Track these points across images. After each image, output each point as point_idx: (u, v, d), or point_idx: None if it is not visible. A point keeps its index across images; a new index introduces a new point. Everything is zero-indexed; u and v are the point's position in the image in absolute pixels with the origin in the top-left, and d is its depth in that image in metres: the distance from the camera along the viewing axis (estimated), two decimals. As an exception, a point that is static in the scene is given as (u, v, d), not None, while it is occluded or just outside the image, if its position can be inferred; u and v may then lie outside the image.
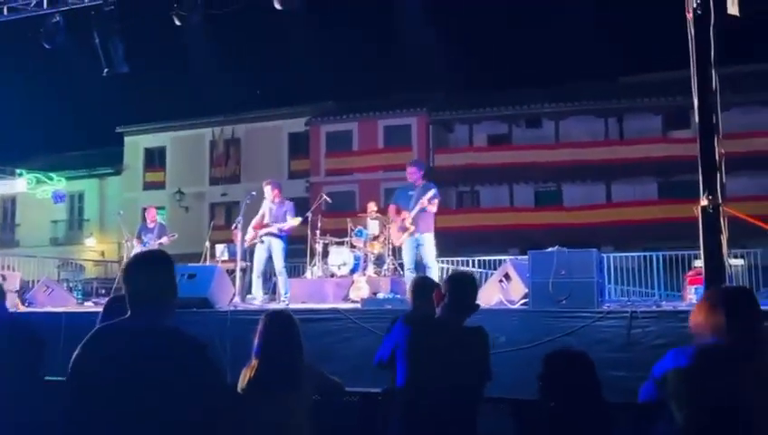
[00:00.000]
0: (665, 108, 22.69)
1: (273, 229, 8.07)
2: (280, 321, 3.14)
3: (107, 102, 25.98)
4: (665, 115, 22.90)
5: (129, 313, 2.18)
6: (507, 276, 6.63)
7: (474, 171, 23.55)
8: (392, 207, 7.65)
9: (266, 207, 8.25)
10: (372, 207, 10.43)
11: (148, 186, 28.91)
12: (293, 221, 8.05)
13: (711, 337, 2.18)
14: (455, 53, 30.79)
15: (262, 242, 8.09)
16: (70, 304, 8.75)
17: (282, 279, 8.08)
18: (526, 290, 6.20)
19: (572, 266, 5.78)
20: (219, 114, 27.54)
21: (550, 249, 6.06)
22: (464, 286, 3.09)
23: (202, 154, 28.22)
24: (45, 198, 25.53)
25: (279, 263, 8.07)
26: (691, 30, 5.26)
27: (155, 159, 29.39)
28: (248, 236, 8.23)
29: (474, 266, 12.33)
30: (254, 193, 8.45)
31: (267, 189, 8.25)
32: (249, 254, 8.53)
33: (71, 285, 14.93)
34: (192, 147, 28.15)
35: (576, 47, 25.81)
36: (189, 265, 8.06)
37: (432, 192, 7.39)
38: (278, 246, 8.07)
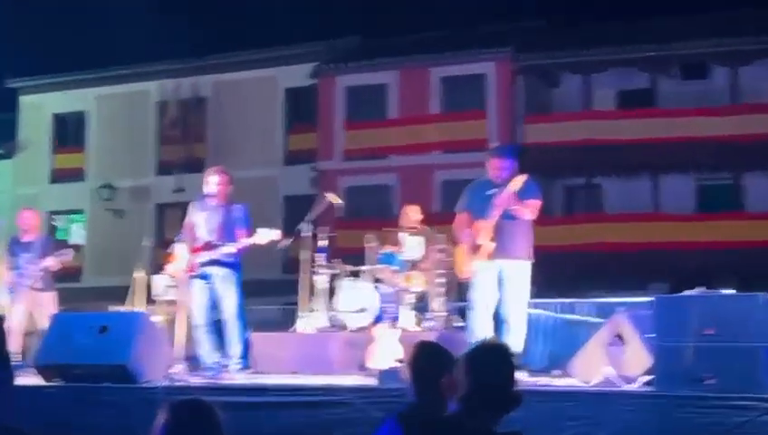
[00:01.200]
0: None
1: (221, 253, 8.29)
2: (188, 420, 3.13)
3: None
4: None
5: None
6: (620, 337, 7.00)
7: (594, 152, 23.36)
8: (461, 217, 7.83)
9: (199, 213, 8.50)
10: (413, 213, 10.81)
11: (57, 176, 29.21)
12: (262, 236, 8.28)
13: None
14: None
15: (203, 277, 8.33)
16: None
17: (234, 331, 8.37)
18: (650, 361, 6.49)
19: (726, 321, 6.00)
20: (173, 59, 27.68)
21: (688, 292, 6.46)
22: (493, 365, 3.24)
23: (144, 124, 28.41)
24: None
25: (231, 305, 8.37)
26: None
27: (69, 132, 29.65)
28: (174, 268, 8.59)
29: (591, 315, 12.27)
30: (214, 184, 8.45)
31: (212, 180, 8.44)
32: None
33: None
34: (129, 112, 28.31)
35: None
36: (108, 311, 8.75)
37: (527, 186, 7.52)
38: (228, 280, 8.37)
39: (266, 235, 8.31)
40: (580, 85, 24.50)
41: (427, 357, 3.96)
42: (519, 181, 7.46)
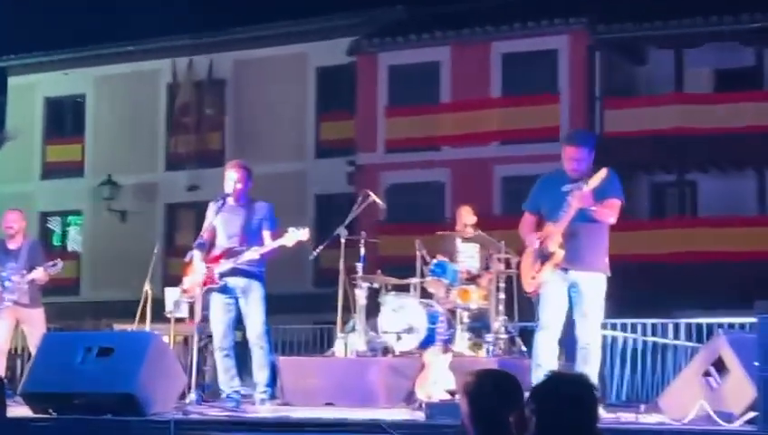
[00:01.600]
0: None
1: (243, 260, 8.39)
2: None
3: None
4: None
5: None
6: (719, 365, 7.02)
7: (686, 143, 23.27)
8: (529, 217, 7.82)
9: (216, 214, 8.62)
10: (467, 215, 10.87)
11: (51, 171, 29.52)
12: (290, 236, 8.43)
13: None
14: None
15: (224, 290, 8.41)
16: None
17: (260, 355, 8.50)
18: (754, 394, 6.49)
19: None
20: (184, 33, 27.99)
21: None
22: (570, 400, 3.28)
23: (153, 109, 28.69)
24: None
25: (256, 323, 8.48)
26: None
27: (66, 119, 30.01)
28: (191, 282, 8.66)
29: (681, 338, 12.55)
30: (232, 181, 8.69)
31: (230, 175, 8.60)
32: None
33: None
34: (134, 95, 28.58)
35: None
36: (112, 329, 9.05)
37: (608, 182, 7.48)
38: (254, 293, 8.49)
39: (294, 235, 8.44)
40: (670, 63, 24.40)
41: (491, 389, 3.83)
42: (599, 176, 7.35)
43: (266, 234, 8.48)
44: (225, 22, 27.88)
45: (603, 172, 7.46)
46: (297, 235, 8.43)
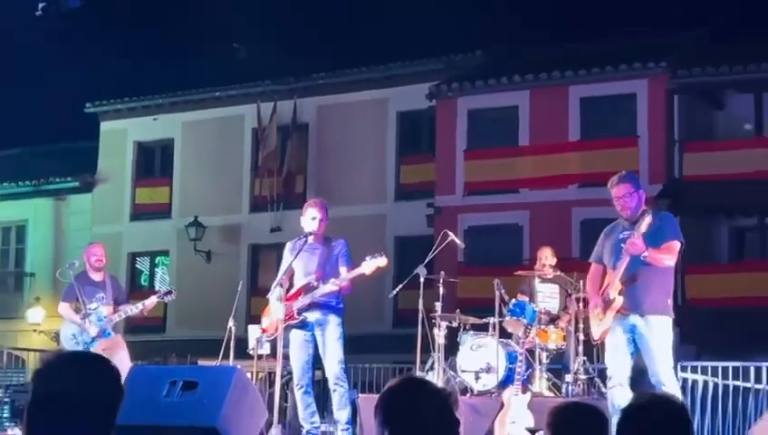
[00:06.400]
0: None
1: (321, 293, 8.40)
2: None
3: (69, 62, 26.36)
4: None
5: None
6: None
7: (766, 186, 22.78)
8: (595, 268, 7.93)
9: (296, 253, 8.63)
10: (549, 256, 10.93)
11: (140, 212, 29.86)
12: (369, 265, 8.44)
13: None
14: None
15: (303, 326, 8.43)
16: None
17: (340, 391, 8.47)
18: None
19: None
20: (268, 80, 28.27)
21: None
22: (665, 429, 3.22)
23: (238, 153, 29.01)
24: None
25: (335, 359, 8.48)
26: None
27: (154, 162, 30.45)
28: (271, 319, 8.70)
29: (763, 381, 12.29)
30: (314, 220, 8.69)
31: (311, 214, 8.64)
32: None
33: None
34: (220, 139, 28.91)
35: None
36: (197, 364, 8.69)
37: (661, 223, 7.55)
38: (331, 327, 8.51)
39: (373, 262, 8.47)
40: (750, 106, 24.15)
41: (576, 423, 3.73)
42: (647, 222, 7.36)
43: (343, 269, 8.48)
44: (308, 68, 28.01)
45: (665, 217, 7.61)
46: (376, 262, 8.42)
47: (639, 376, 7.60)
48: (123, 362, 9.96)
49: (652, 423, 3.16)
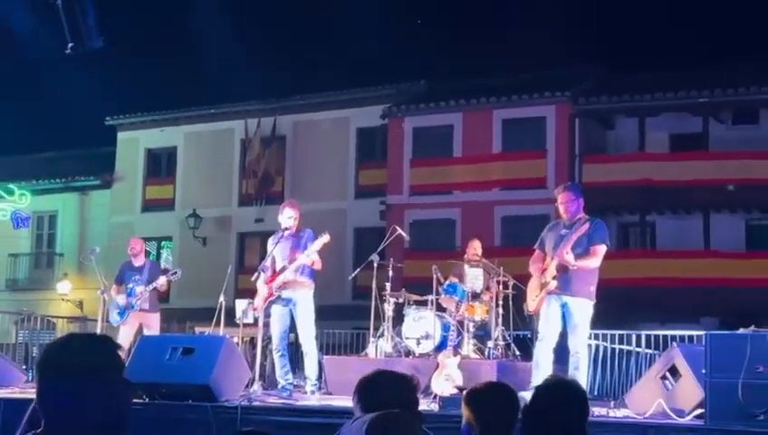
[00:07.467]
0: None
1: (292, 271, 8.32)
2: None
3: (92, 83, 26.01)
4: None
5: None
6: (674, 370, 6.91)
7: (647, 192, 23.21)
8: (537, 254, 7.85)
9: (275, 244, 8.55)
10: (475, 247, 10.84)
11: (149, 205, 29.60)
12: (316, 244, 8.30)
13: None
14: (616, 6, 29.43)
15: (280, 300, 8.37)
16: (16, 385, 9.03)
17: (312, 354, 8.46)
18: (702, 395, 6.38)
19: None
20: (255, 100, 28.05)
21: (742, 330, 6.28)
22: (569, 404, 3.17)
23: (229, 159, 28.74)
24: (1, 220, 25.56)
25: (308, 327, 8.42)
26: None
27: (161, 165, 30.17)
28: (257, 302, 8.69)
29: (642, 346, 12.37)
30: (290, 218, 8.59)
31: (288, 213, 8.48)
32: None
33: (31, 351, 15.41)
34: (215, 148, 28.66)
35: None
36: (191, 333, 8.50)
37: (594, 229, 7.44)
38: (304, 301, 8.40)
39: (320, 241, 8.30)
40: (635, 128, 24.20)
41: (495, 402, 3.43)
42: (581, 230, 7.33)
43: (309, 244, 8.43)
44: (286, 91, 27.76)
45: (596, 222, 7.51)
46: (321, 239, 8.29)
47: (561, 351, 7.59)
48: (150, 330, 9.97)
49: (551, 402, 3.14)
